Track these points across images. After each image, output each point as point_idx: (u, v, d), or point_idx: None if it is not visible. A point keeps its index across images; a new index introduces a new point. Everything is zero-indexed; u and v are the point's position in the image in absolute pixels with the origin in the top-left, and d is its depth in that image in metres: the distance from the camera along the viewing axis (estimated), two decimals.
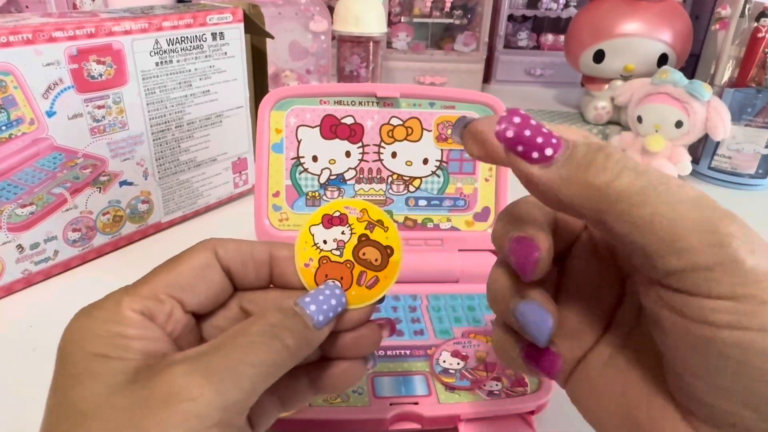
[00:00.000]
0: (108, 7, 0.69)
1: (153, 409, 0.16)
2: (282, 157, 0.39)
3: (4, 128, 0.37)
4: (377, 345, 0.23)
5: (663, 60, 0.73)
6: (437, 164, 0.40)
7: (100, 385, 0.17)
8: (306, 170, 0.39)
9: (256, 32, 0.55)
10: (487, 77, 1.01)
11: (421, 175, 0.40)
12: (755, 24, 0.64)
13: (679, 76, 0.65)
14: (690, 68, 0.77)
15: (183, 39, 0.46)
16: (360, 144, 0.39)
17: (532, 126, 0.17)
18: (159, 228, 0.50)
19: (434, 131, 0.39)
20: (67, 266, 0.44)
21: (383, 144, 0.39)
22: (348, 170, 0.40)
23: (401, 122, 0.39)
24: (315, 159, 0.39)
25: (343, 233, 0.22)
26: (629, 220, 0.15)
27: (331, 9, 0.75)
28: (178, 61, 0.46)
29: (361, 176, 0.40)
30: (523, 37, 1.02)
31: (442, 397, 0.31)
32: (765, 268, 0.14)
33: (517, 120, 0.17)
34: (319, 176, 0.40)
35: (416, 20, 0.93)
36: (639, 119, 0.69)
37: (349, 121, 0.39)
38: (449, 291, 0.39)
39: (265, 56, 0.59)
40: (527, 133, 0.16)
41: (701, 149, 0.69)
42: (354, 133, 0.39)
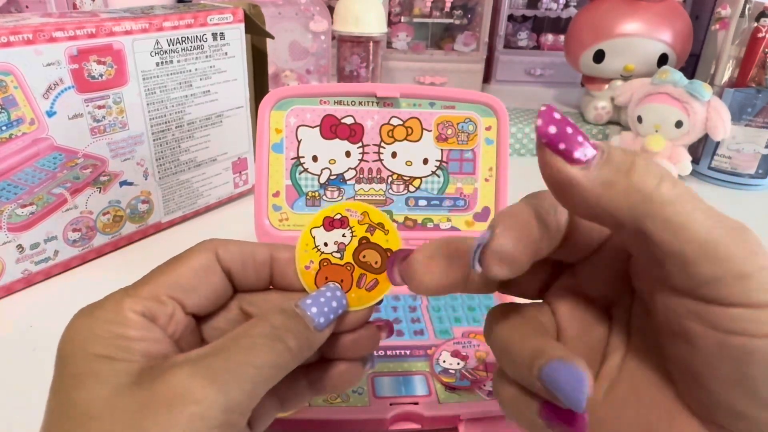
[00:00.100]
0: (108, 7, 0.69)
1: (157, 411, 0.16)
2: (282, 157, 0.39)
3: (5, 128, 0.37)
4: (376, 346, 0.23)
5: (663, 60, 0.73)
6: (437, 164, 0.40)
7: (103, 387, 0.16)
8: (306, 170, 0.39)
9: (257, 32, 0.55)
10: (487, 77, 1.01)
11: (421, 175, 0.40)
12: (755, 24, 0.64)
13: (679, 76, 0.65)
14: (690, 68, 0.77)
15: (183, 39, 0.46)
16: (360, 144, 0.39)
17: (572, 124, 0.15)
18: (159, 228, 0.50)
19: (434, 131, 0.39)
20: (67, 266, 0.44)
21: (383, 144, 0.39)
22: (348, 170, 0.40)
23: (401, 122, 0.39)
24: (315, 159, 0.39)
25: (344, 236, 0.22)
26: (671, 227, 0.15)
27: (331, 9, 0.75)
28: (179, 61, 0.46)
29: (361, 176, 0.40)
30: (523, 37, 1.02)
31: (442, 397, 0.31)
32: None
33: (558, 116, 0.15)
34: (319, 176, 0.40)
35: (416, 20, 0.93)
36: (639, 119, 0.69)
37: (349, 121, 0.39)
38: None
39: (266, 56, 0.59)
40: (569, 131, 0.15)
41: (701, 149, 0.69)
42: (354, 133, 0.39)
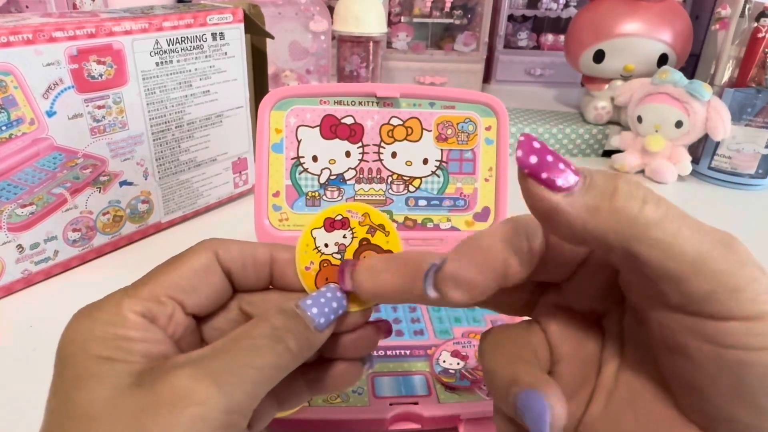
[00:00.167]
0: (108, 7, 0.69)
1: (159, 412, 0.16)
2: (282, 157, 0.39)
3: (4, 128, 0.37)
4: (374, 346, 0.23)
5: (663, 60, 0.73)
6: (437, 164, 0.40)
7: (105, 388, 0.16)
8: (306, 170, 0.39)
9: (256, 32, 0.55)
10: (487, 77, 1.01)
11: (421, 175, 0.40)
12: (755, 24, 0.64)
13: (679, 76, 0.65)
14: (690, 68, 0.77)
15: (183, 39, 0.46)
16: (360, 144, 0.39)
17: (552, 152, 0.16)
18: (159, 228, 0.50)
19: (434, 131, 0.39)
20: (67, 266, 0.44)
21: (383, 144, 0.39)
22: (348, 170, 0.40)
23: (401, 122, 0.39)
24: (315, 159, 0.39)
25: (345, 237, 0.22)
26: (659, 247, 0.15)
27: (331, 9, 0.75)
28: (179, 61, 0.46)
29: (361, 176, 0.40)
30: (523, 37, 1.02)
31: (442, 397, 0.31)
32: None
33: (537, 145, 0.16)
34: (319, 176, 0.40)
35: (416, 20, 0.93)
36: (639, 119, 0.69)
37: (349, 121, 0.39)
38: None
39: (265, 56, 0.59)
40: (549, 159, 0.15)
41: (701, 149, 0.69)
42: (354, 133, 0.39)
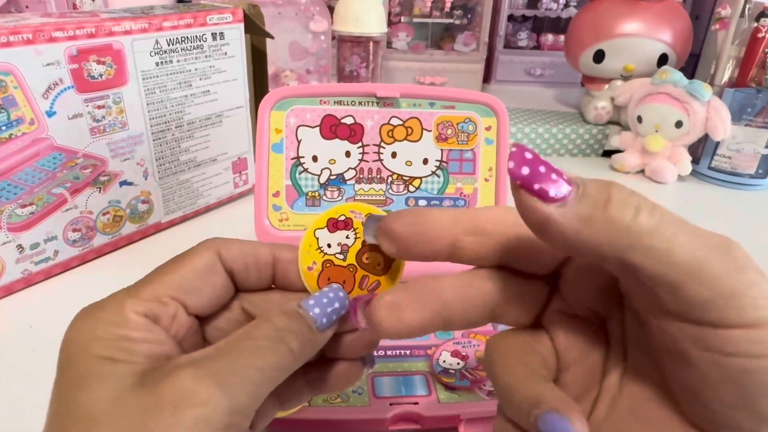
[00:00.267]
0: (108, 7, 0.69)
1: (162, 413, 0.16)
2: (282, 157, 0.39)
3: (4, 128, 0.37)
4: (375, 346, 0.23)
5: (663, 60, 0.73)
6: (437, 164, 0.40)
7: (108, 389, 0.16)
8: (306, 170, 0.39)
9: (256, 32, 0.55)
10: (487, 77, 1.01)
11: (421, 175, 0.40)
12: (755, 24, 0.64)
13: (679, 76, 0.65)
14: (690, 68, 0.77)
15: (183, 39, 0.46)
16: (360, 144, 0.39)
17: (544, 162, 0.15)
18: (159, 228, 0.50)
19: (434, 131, 0.39)
20: (67, 266, 0.44)
21: (383, 144, 0.39)
22: (348, 170, 0.40)
23: (401, 122, 0.39)
24: (315, 159, 0.39)
25: (348, 237, 0.22)
26: (656, 255, 0.14)
27: (331, 9, 0.75)
28: (178, 61, 0.46)
29: (361, 176, 0.40)
30: (523, 37, 1.02)
31: (442, 397, 0.31)
32: None
33: (529, 156, 0.15)
34: (319, 176, 0.40)
35: (416, 20, 0.93)
36: (639, 119, 0.69)
37: (349, 121, 0.39)
38: None
39: (265, 56, 0.59)
40: (542, 170, 0.15)
41: (701, 149, 0.69)
42: (354, 133, 0.39)
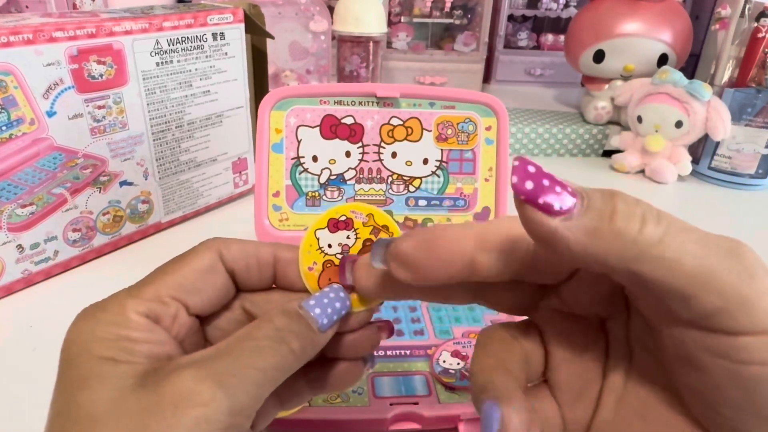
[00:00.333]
0: (108, 7, 0.69)
1: (163, 414, 0.16)
2: (282, 157, 0.39)
3: (5, 128, 0.37)
4: (376, 346, 0.23)
5: (663, 60, 0.73)
6: (437, 164, 0.40)
7: (109, 389, 0.16)
8: (306, 170, 0.39)
9: (257, 32, 0.55)
10: (487, 77, 1.01)
11: (421, 175, 0.40)
12: (755, 24, 0.64)
13: (679, 76, 0.65)
14: (690, 68, 0.77)
15: (183, 39, 0.46)
16: (360, 144, 0.39)
17: (548, 175, 0.15)
18: (159, 228, 0.50)
19: (434, 131, 0.39)
20: (67, 266, 0.44)
21: (383, 144, 0.39)
22: (348, 170, 0.40)
23: (401, 122, 0.39)
24: (315, 159, 0.39)
25: (348, 238, 0.22)
26: (665, 265, 0.14)
27: (331, 9, 0.75)
28: (179, 62, 0.46)
29: (361, 176, 0.40)
30: (523, 37, 1.02)
31: (442, 397, 0.31)
32: None
33: (532, 169, 0.15)
34: (319, 176, 0.40)
35: (416, 20, 0.93)
36: (639, 119, 0.69)
37: (349, 121, 0.39)
38: None
39: (265, 56, 0.59)
40: (545, 183, 0.15)
41: (701, 149, 0.69)
42: (354, 133, 0.39)
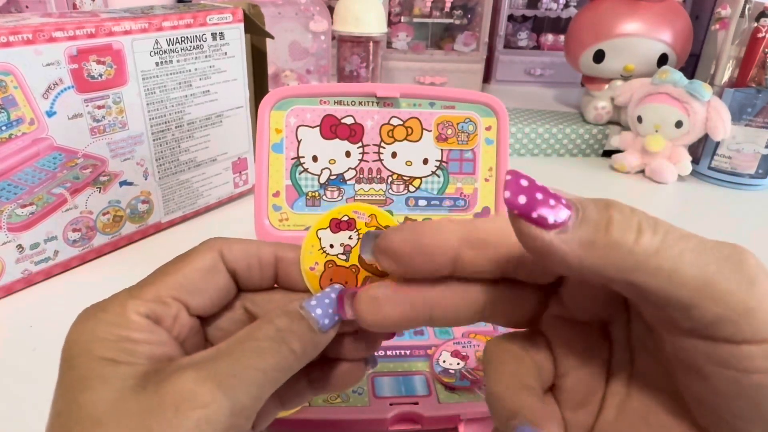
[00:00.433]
0: (108, 7, 0.69)
1: (164, 415, 0.16)
2: (282, 157, 0.39)
3: (4, 128, 0.37)
4: (378, 347, 0.23)
5: (663, 60, 0.73)
6: (437, 164, 0.40)
7: (110, 390, 0.16)
8: (306, 170, 0.39)
9: (256, 32, 0.55)
10: (487, 77, 1.01)
11: (421, 175, 0.40)
12: (755, 24, 0.64)
13: (679, 76, 0.65)
14: (690, 68, 0.77)
15: (183, 39, 0.46)
16: (360, 144, 0.39)
17: (541, 188, 0.15)
18: (159, 228, 0.50)
19: (434, 131, 0.39)
20: (67, 266, 0.44)
21: (383, 144, 0.39)
22: (348, 170, 0.40)
23: (401, 122, 0.39)
24: (315, 159, 0.39)
25: (350, 238, 0.22)
26: (664, 275, 0.14)
27: (331, 9, 0.75)
28: (178, 61, 0.46)
29: (361, 176, 0.40)
30: (523, 37, 1.02)
31: (442, 397, 0.31)
32: None
33: (525, 183, 0.15)
34: (319, 176, 0.40)
35: (416, 20, 0.93)
36: (639, 119, 0.69)
37: (349, 121, 0.39)
38: None
39: (265, 56, 0.59)
40: (539, 197, 0.14)
41: (701, 149, 0.69)
42: (354, 133, 0.39)
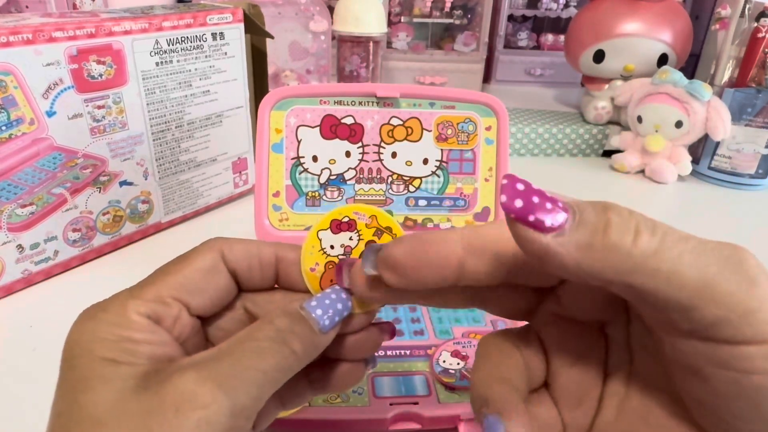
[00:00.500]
0: (108, 7, 0.69)
1: (164, 416, 0.16)
2: (282, 157, 0.39)
3: (4, 128, 0.37)
4: (378, 347, 0.23)
5: (663, 60, 0.73)
6: (437, 164, 0.40)
7: (110, 391, 0.16)
8: (306, 170, 0.39)
9: (256, 32, 0.55)
10: (487, 77, 1.01)
11: (421, 175, 0.40)
12: (755, 24, 0.64)
13: (679, 76, 0.65)
14: (690, 68, 0.77)
15: (183, 39, 0.46)
16: (360, 144, 0.39)
17: (538, 191, 0.15)
18: (159, 228, 0.50)
19: (434, 131, 0.39)
20: (67, 266, 0.44)
21: (383, 144, 0.39)
22: (348, 170, 0.40)
23: (401, 122, 0.39)
24: (315, 159, 0.39)
25: (351, 239, 0.22)
26: (663, 277, 0.14)
27: (331, 9, 0.75)
28: (178, 61, 0.46)
29: (361, 176, 0.40)
30: (523, 37, 1.02)
31: (442, 397, 0.31)
32: None
33: (521, 187, 0.15)
34: (319, 176, 0.40)
35: (416, 20, 0.93)
36: (639, 119, 0.69)
37: (349, 121, 0.39)
38: None
39: (265, 56, 0.59)
40: (535, 200, 0.14)
41: (701, 149, 0.69)
42: (354, 133, 0.39)
